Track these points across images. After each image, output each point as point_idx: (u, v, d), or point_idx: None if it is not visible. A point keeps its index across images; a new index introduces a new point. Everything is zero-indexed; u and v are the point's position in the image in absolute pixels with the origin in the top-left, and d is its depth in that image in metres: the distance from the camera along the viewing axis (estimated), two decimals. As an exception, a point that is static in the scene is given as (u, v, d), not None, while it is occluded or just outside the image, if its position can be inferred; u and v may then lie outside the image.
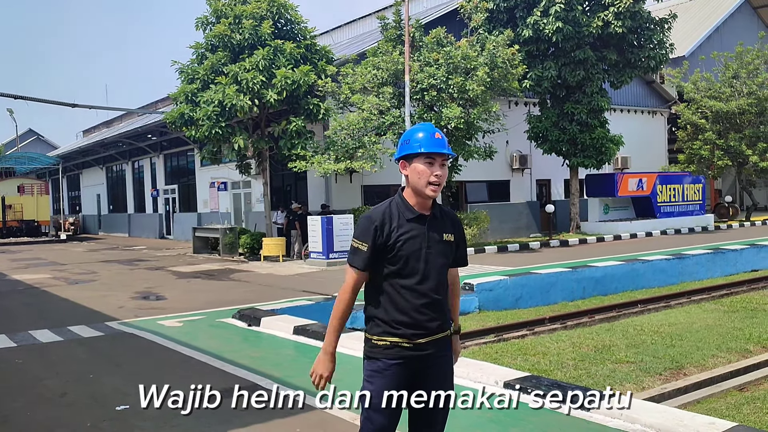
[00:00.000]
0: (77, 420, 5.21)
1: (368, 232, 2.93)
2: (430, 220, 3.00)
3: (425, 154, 2.95)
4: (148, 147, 31.65)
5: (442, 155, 2.97)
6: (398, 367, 2.94)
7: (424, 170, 2.94)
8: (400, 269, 2.93)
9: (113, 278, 15.79)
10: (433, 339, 2.98)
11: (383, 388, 2.93)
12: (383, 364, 2.95)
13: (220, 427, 4.91)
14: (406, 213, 2.97)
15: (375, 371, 2.97)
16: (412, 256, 2.93)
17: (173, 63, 18.78)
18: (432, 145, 2.96)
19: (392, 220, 2.95)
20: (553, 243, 20.95)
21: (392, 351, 2.94)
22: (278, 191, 22.43)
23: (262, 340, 8.11)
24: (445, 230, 3.04)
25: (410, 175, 2.99)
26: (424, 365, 2.99)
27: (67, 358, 7.51)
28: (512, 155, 24.37)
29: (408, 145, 3.00)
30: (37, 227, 36.35)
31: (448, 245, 3.04)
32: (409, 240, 2.93)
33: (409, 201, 3.00)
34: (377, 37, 20.90)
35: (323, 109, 18.08)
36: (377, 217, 2.95)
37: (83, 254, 24.15)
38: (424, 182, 2.94)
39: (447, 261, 3.05)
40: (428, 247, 2.95)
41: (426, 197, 2.98)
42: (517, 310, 11.85)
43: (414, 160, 2.97)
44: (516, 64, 18.51)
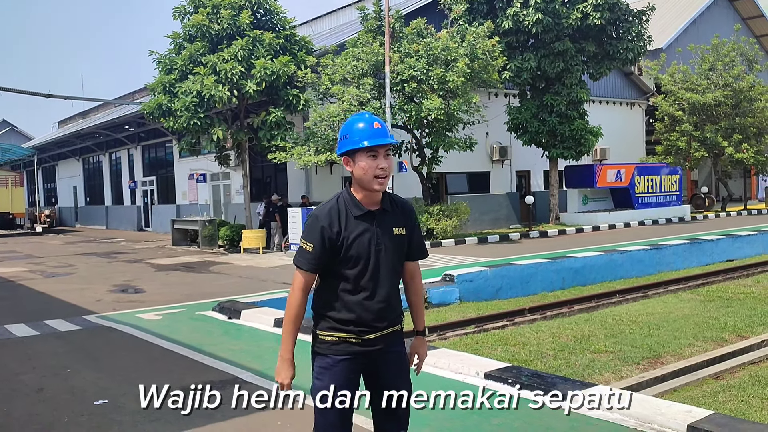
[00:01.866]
0: (54, 415, 5.15)
1: (315, 232, 2.83)
2: (380, 215, 2.90)
3: (368, 148, 2.83)
4: (125, 138, 31.25)
5: (384, 146, 2.86)
6: (347, 362, 2.89)
7: (369, 165, 2.83)
8: (349, 268, 2.85)
9: (91, 271, 15.60)
10: (383, 334, 2.92)
11: (333, 383, 2.88)
12: (331, 360, 2.89)
13: (201, 421, 4.87)
14: (354, 210, 2.86)
15: (324, 367, 2.91)
16: (362, 255, 2.84)
17: (150, 53, 18.54)
18: (374, 137, 2.83)
19: (339, 219, 2.84)
20: (533, 234, 21.08)
21: (340, 347, 2.88)
22: (258, 183, 22.30)
23: (243, 333, 8.06)
24: (396, 224, 2.93)
25: (355, 170, 2.86)
26: (373, 361, 2.93)
27: (44, 352, 7.40)
28: (492, 147, 24.44)
29: (349, 140, 2.87)
30: (12, 220, 35.73)
31: (400, 239, 2.94)
32: (357, 239, 2.83)
33: (356, 196, 2.89)
34: (357, 28, 20.80)
35: (303, 100, 17.96)
36: (324, 217, 2.84)
37: (60, 247, 23.83)
38: (370, 177, 2.83)
39: (400, 256, 2.96)
40: (377, 244, 2.86)
41: (374, 191, 2.87)
42: (497, 301, 11.91)
43: (357, 155, 2.84)
44: (496, 55, 18.54)
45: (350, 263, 2.84)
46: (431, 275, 12.38)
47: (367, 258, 2.85)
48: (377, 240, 2.86)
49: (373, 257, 2.85)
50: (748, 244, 17.64)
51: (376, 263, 2.85)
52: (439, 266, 13.84)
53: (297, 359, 4.43)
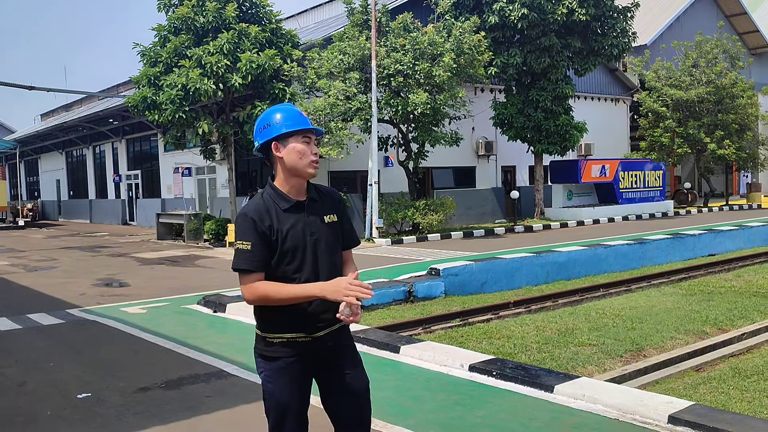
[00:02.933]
0: (37, 408, 5.11)
1: (248, 230, 2.68)
2: (308, 204, 2.80)
3: (303, 132, 2.77)
4: (109, 131, 30.97)
5: (314, 133, 2.82)
6: (298, 363, 2.75)
7: (304, 149, 2.75)
8: (287, 263, 2.71)
9: (74, 265, 15.47)
10: (332, 330, 2.79)
11: (288, 386, 2.75)
12: (283, 362, 2.74)
13: (186, 413, 4.87)
14: (282, 203, 2.75)
15: (275, 371, 2.75)
16: (298, 246, 2.72)
17: (135, 45, 18.37)
18: (305, 122, 2.79)
19: (269, 213, 2.72)
20: (518, 229, 21.18)
21: (291, 347, 2.74)
22: (243, 177, 22.21)
23: (228, 326, 8.05)
24: (326, 212, 2.84)
25: (287, 156, 2.74)
26: (326, 358, 2.82)
27: (27, 346, 7.34)
28: (478, 142, 24.50)
29: (277, 126, 2.76)
30: (-6, 213, 35.35)
31: (333, 227, 2.84)
32: (290, 231, 2.71)
33: (281, 189, 2.78)
34: (344, 22, 20.74)
35: (289, 94, 17.89)
36: (253, 214, 2.70)
37: (43, 241, 23.60)
38: (306, 162, 2.75)
39: (336, 244, 2.85)
40: (312, 234, 2.75)
41: (308, 177, 2.79)
42: (482, 295, 11.97)
43: (290, 140, 2.75)
44: (482, 50, 18.57)
45: (288, 257, 2.71)
46: (417, 269, 12.42)
47: (303, 249, 2.73)
48: (311, 229, 2.76)
49: (310, 247, 2.74)
50: (729, 239, 17.86)
51: (314, 254, 2.75)
52: (424, 260, 13.87)
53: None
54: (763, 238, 18.80)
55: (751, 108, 28.94)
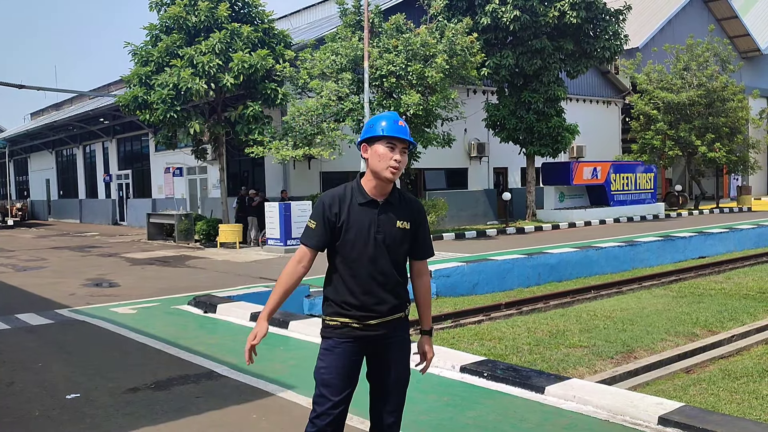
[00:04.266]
0: (25, 408, 5.06)
1: (318, 212, 3.00)
2: (384, 205, 3.01)
3: (387, 138, 2.99)
4: (100, 131, 30.80)
5: (402, 141, 3.01)
6: (348, 345, 2.99)
7: (385, 153, 2.98)
8: (348, 252, 2.98)
9: (64, 265, 15.37)
10: (385, 321, 3.01)
11: (333, 365, 2.98)
12: (334, 342, 3.00)
13: (176, 414, 4.83)
14: (359, 198, 3.01)
15: (326, 349, 3.02)
16: (359, 240, 2.96)
17: (126, 44, 18.28)
18: (394, 130, 3.00)
19: (341, 203, 3.00)
20: (510, 230, 21.22)
21: (343, 331, 2.99)
22: (235, 177, 22.14)
23: (219, 327, 8.01)
24: (401, 217, 3.03)
25: (371, 158, 3.01)
26: (375, 346, 3.04)
27: (15, 346, 7.27)
28: (470, 143, 24.54)
29: (372, 129, 3.05)
30: (-18, 213, 35.08)
31: (402, 232, 3.03)
32: (355, 224, 2.97)
33: (364, 186, 3.04)
34: (336, 23, 20.72)
35: (281, 94, 17.86)
36: (328, 199, 3.02)
37: (32, 240, 23.44)
38: (384, 165, 2.96)
39: (401, 248, 3.04)
40: (378, 232, 2.97)
41: (385, 180, 2.99)
42: (473, 296, 11.99)
43: (376, 144, 3.00)
44: (475, 52, 18.60)
45: (348, 247, 2.97)
46: (408, 270, 12.39)
47: (365, 244, 2.96)
48: (377, 228, 2.98)
49: (372, 244, 2.96)
50: (719, 242, 17.97)
51: (375, 250, 2.96)
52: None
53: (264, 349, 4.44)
54: (753, 240, 18.93)
55: (741, 111, 29.16)
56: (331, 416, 2.97)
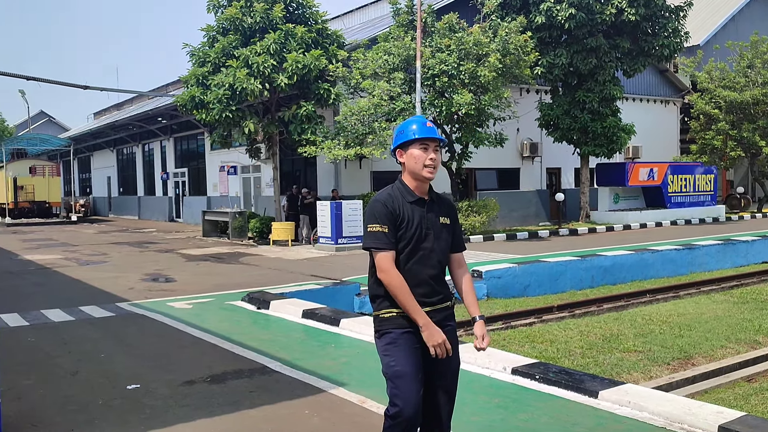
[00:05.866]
0: (89, 397, 5.27)
1: (385, 216, 3.10)
2: (429, 203, 3.22)
3: (420, 140, 3.17)
4: (158, 130, 31.71)
5: (435, 140, 3.19)
6: (409, 335, 3.11)
7: (420, 155, 3.16)
8: (403, 247, 3.12)
9: (123, 260, 15.89)
10: (435, 309, 3.15)
11: (400, 356, 3.08)
12: (395, 334, 3.12)
13: (230, 408, 4.95)
14: (408, 196, 3.19)
15: (389, 343, 3.12)
16: (416, 235, 3.13)
17: (184, 46, 18.74)
18: (426, 132, 3.18)
19: (398, 203, 3.15)
20: (563, 232, 20.89)
21: (400, 320, 3.11)
22: (288, 176, 22.45)
23: (271, 323, 8.15)
24: (442, 213, 3.25)
25: (407, 161, 3.19)
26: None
27: (79, 337, 7.57)
28: (523, 143, 24.26)
29: (403, 135, 3.21)
30: (48, 208, 36.51)
31: (445, 228, 3.24)
32: (411, 221, 3.14)
33: (409, 185, 3.22)
34: (389, 22, 20.78)
35: (334, 94, 18.03)
36: (387, 201, 3.15)
37: (94, 236, 24.30)
38: (420, 165, 3.15)
39: (446, 242, 3.24)
40: (428, 228, 3.16)
41: (423, 180, 3.19)
42: (525, 298, 11.86)
43: (410, 147, 3.18)
44: (528, 50, 18.38)
45: (404, 242, 3.12)
46: (459, 271, 12.34)
47: (418, 239, 3.13)
48: (427, 224, 3.17)
49: (424, 238, 3.15)
50: (784, 246, 17.27)
51: (427, 244, 3.15)
52: (467, 262, 13.78)
53: (315, 345, 4.48)
54: (820, 245, 18.11)
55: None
56: (414, 409, 3.01)
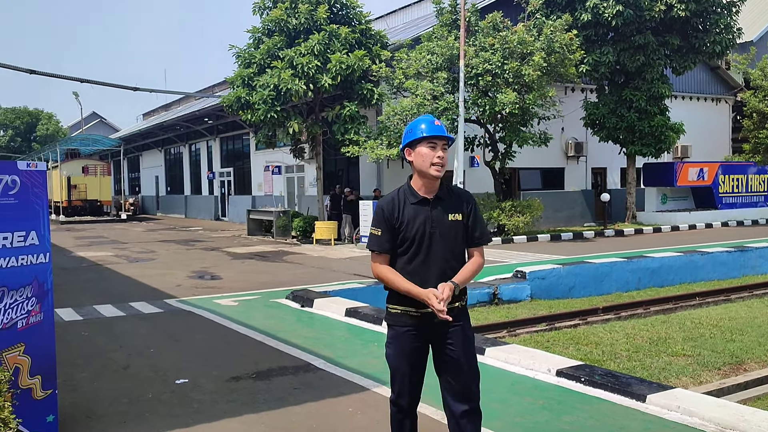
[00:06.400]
0: (139, 391, 5.42)
1: (381, 219, 3.24)
2: (434, 201, 3.25)
3: (428, 139, 3.22)
4: (204, 130, 32.32)
5: (442, 139, 3.24)
6: (410, 333, 3.23)
7: (428, 153, 3.21)
8: (407, 248, 3.21)
9: (171, 257, 16.25)
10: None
11: (399, 350, 3.25)
12: (397, 331, 3.27)
13: (275, 404, 5.03)
14: (410, 198, 3.26)
15: (393, 336, 3.29)
16: (416, 236, 3.19)
17: (231, 47, 19.09)
18: (434, 130, 3.23)
19: (398, 206, 3.24)
20: (608, 232, 20.53)
21: (403, 318, 3.24)
22: (330, 176, 22.62)
23: (315, 321, 8.23)
24: (452, 210, 3.26)
25: (415, 159, 3.25)
26: (436, 334, 3.24)
27: (130, 332, 7.79)
28: (567, 142, 23.91)
29: (412, 134, 3.27)
30: (100, 207, 37.57)
31: (455, 224, 3.25)
32: (411, 222, 3.20)
33: (414, 187, 3.29)
34: (432, 22, 20.74)
35: (377, 94, 18.09)
36: (386, 205, 3.26)
37: (142, 234, 24.92)
38: (428, 164, 3.20)
39: (456, 239, 3.26)
40: (432, 227, 3.21)
41: (431, 178, 3.23)
42: (569, 300, 11.70)
43: (418, 146, 3.24)
44: (573, 49, 18.11)
45: (408, 243, 3.21)
46: (502, 271, 12.27)
47: (421, 238, 3.19)
48: (431, 223, 3.21)
49: (428, 238, 3.19)
50: (843, 249, 16.61)
51: (429, 243, 3.19)
52: (510, 263, 13.69)
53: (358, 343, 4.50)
54: None
55: None
56: (406, 400, 3.28)
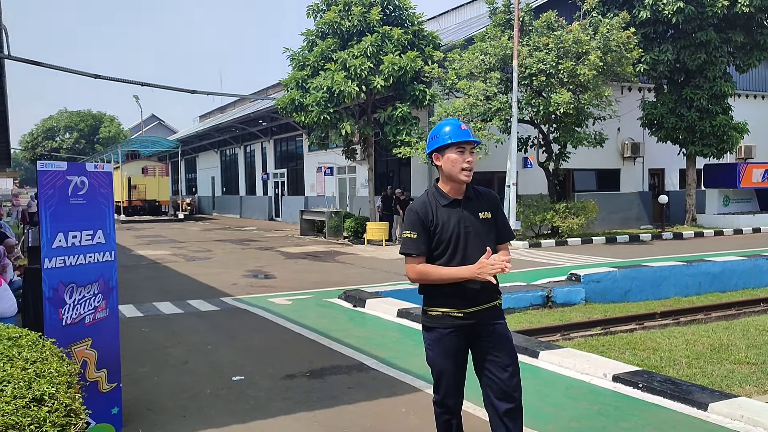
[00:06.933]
0: (198, 387, 5.57)
1: (415, 223, 3.25)
2: (464, 202, 3.30)
3: (456, 144, 3.25)
4: (259, 132, 32.90)
5: (470, 143, 3.27)
6: (453, 334, 3.25)
7: (457, 158, 3.24)
8: (443, 250, 3.23)
9: (226, 256, 16.61)
10: (482, 308, 3.26)
11: (443, 353, 3.27)
12: (439, 333, 3.27)
13: (329, 402, 5.10)
14: (441, 200, 3.29)
15: (433, 340, 3.30)
16: (452, 237, 3.23)
17: (285, 50, 19.38)
18: (460, 135, 3.26)
19: (431, 209, 3.27)
20: (666, 235, 19.98)
21: (445, 320, 3.25)
22: (382, 176, 22.71)
23: (367, 321, 8.29)
24: (482, 209, 3.31)
25: (444, 164, 3.28)
26: (477, 333, 3.27)
27: (188, 329, 8.01)
28: (624, 143, 23.37)
29: (438, 139, 3.30)
30: (158, 207, 38.67)
31: (486, 223, 3.30)
32: (446, 223, 3.24)
33: (443, 189, 3.32)
34: (485, 22, 20.60)
35: (429, 95, 18.09)
36: (419, 208, 3.28)
37: (199, 233, 25.54)
38: (458, 169, 3.24)
39: (488, 237, 3.30)
40: (466, 226, 3.24)
41: (461, 182, 3.27)
42: (625, 304, 11.44)
43: (446, 151, 3.27)
44: (631, 47, 17.69)
45: (444, 245, 3.23)
46: (556, 274, 12.10)
47: (457, 239, 3.23)
48: (465, 222, 3.25)
49: (463, 238, 3.23)
50: None
51: (465, 243, 3.23)
52: (564, 265, 13.48)
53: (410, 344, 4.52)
54: None
55: None
56: (452, 399, 3.32)
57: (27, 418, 2.42)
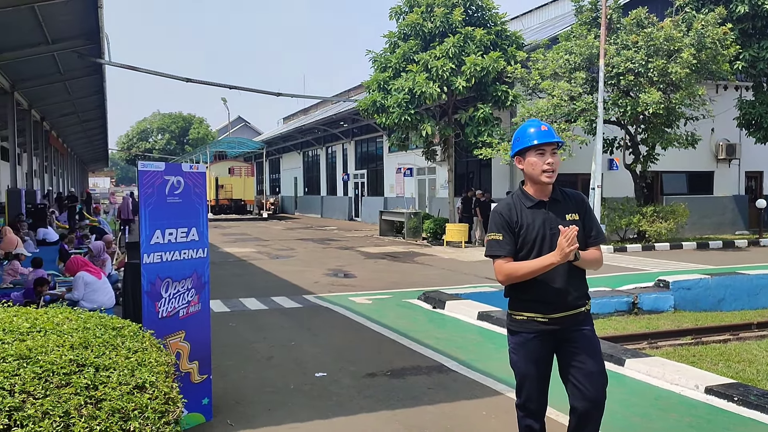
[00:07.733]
0: (282, 382, 5.73)
1: (501, 225, 3.25)
2: (550, 204, 3.26)
3: (536, 146, 3.23)
4: (340, 133, 33.42)
5: (551, 144, 3.23)
6: (537, 339, 3.23)
7: (537, 161, 3.23)
8: (528, 252, 3.20)
9: (308, 255, 16.97)
10: (568, 314, 3.21)
11: (526, 357, 3.25)
12: (523, 337, 3.26)
13: (410, 402, 5.13)
14: (526, 202, 3.28)
15: (518, 343, 3.28)
16: (537, 239, 3.20)
17: (367, 52, 19.61)
18: (541, 137, 3.23)
19: (516, 210, 3.26)
20: (764, 242, 18.90)
21: (530, 325, 3.24)
22: (462, 178, 22.59)
23: (447, 323, 8.28)
24: (568, 211, 3.26)
25: (526, 167, 3.27)
26: (562, 339, 3.23)
27: (272, 325, 8.25)
28: (718, 144, 22.27)
29: (519, 142, 3.30)
30: (244, 206, 39.89)
31: (573, 224, 3.18)
32: (530, 225, 3.21)
33: (528, 191, 3.30)
34: (570, 21, 20.13)
35: (511, 96, 17.85)
36: (504, 210, 3.28)
37: (282, 232, 26.20)
38: (538, 171, 3.22)
39: (576, 238, 3.13)
40: (552, 228, 3.18)
41: (542, 184, 3.25)
42: (718, 313, 10.91)
43: (527, 154, 3.25)
44: (727, 44, 16.83)
45: (528, 246, 3.21)
46: (642, 280, 11.69)
47: (542, 240, 3.19)
48: (550, 224, 3.20)
49: (548, 239, 3.18)
50: None
51: (551, 245, 3.15)
52: (651, 271, 12.99)
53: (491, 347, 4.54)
54: None
55: None
56: (536, 404, 3.29)
57: (131, 403, 2.58)
